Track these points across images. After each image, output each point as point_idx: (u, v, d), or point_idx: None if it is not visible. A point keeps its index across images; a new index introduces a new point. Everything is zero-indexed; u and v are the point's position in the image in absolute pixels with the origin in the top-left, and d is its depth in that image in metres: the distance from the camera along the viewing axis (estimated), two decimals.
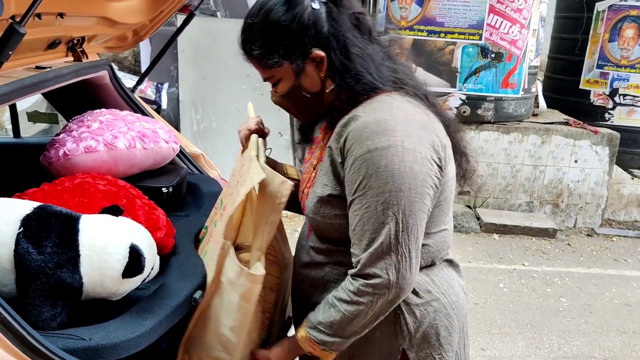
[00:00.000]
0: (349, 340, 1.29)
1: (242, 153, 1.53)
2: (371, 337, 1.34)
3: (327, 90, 1.30)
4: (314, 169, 1.41)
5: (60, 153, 1.86)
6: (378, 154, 1.16)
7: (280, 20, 1.24)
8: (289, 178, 1.36)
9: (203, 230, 1.70)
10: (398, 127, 1.18)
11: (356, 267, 1.23)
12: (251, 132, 1.49)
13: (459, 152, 1.36)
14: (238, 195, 1.33)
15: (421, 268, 1.32)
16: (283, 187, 1.25)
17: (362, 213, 1.20)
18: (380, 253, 1.19)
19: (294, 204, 1.49)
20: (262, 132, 1.51)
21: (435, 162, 1.21)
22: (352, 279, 1.24)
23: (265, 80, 1.35)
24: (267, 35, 1.26)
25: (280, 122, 5.05)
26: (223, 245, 1.37)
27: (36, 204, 1.33)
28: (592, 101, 5.99)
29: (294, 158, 5.17)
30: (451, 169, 1.30)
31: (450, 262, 1.43)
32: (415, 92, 1.29)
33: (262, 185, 1.33)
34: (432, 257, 1.35)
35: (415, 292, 1.32)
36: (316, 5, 1.25)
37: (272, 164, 1.54)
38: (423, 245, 1.27)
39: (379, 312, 1.25)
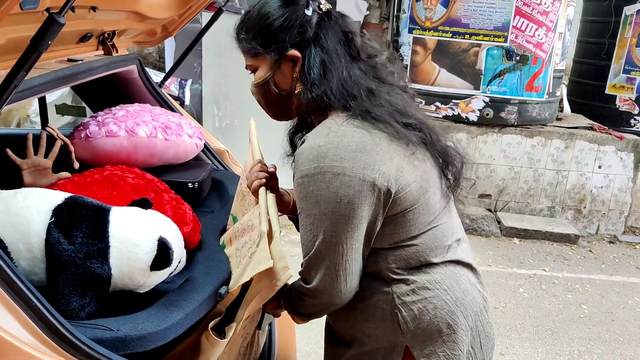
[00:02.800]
0: (309, 318, 1.46)
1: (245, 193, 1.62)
2: (374, 335, 1.38)
3: (295, 92, 1.38)
4: None
5: (82, 135, 1.91)
6: (307, 180, 1.27)
7: (270, 13, 1.36)
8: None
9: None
10: (329, 153, 1.25)
11: (300, 269, 1.39)
12: (261, 185, 1.51)
13: (440, 156, 1.40)
14: (243, 275, 1.36)
15: (418, 267, 1.36)
16: (283, 273, 1.29)
17: (300, 228, 1.34)
18: (311, 265, 1.33)
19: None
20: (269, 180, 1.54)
21: (369, 182, 1.25)
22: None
23: (246, 67, 1.44)
24: (254, 23, 1.38)
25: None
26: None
27: (67, 194, 1.35)
28: (617, 106, 5.91)
29: None
30: (411, 176, 1.31)
31: (458, 263, 1.42)
32: (374, 115, 1.31)
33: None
34: (424, 255, 1.36)
35: (413, 290, 1.35)
36: (309, 12, 1.34)
37: (279, 196, 1.59)
38: (411, 245, 1.34)
39: (318, 310, 1.41)
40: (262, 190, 1.48)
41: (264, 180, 1.50)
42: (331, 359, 1.52)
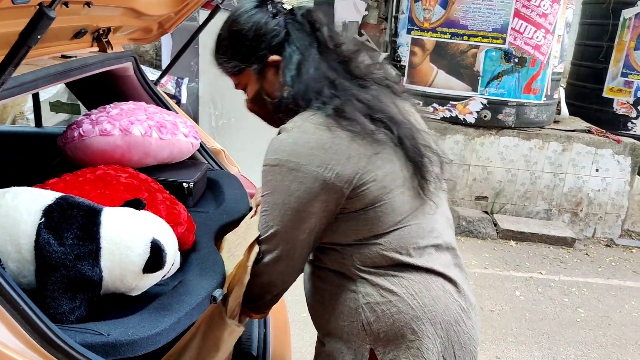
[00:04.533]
0: (257, 305, 1.48)
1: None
2: (345, 333, 1.38)
3: (285, 93, 1.38)
4: None
5: (76, 134, 1.87)
6: (267, 170, 1.32)
7: (238, 29, 1.39)
8: None
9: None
10: (288, 147, 1.29)
11: None
12: None
13: (414, 155, 1.36)
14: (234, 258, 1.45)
15: (385, 267, 1.33)
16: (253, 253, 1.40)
17: (260, 209, 1.39)
18: (261, 246, 1.39)
19: None
20: None
21: (320, 180, 1.27)
22: None
23: (236, 87, 1.48)
24: (228, 43, 1.41)
25: None
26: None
27: (58, 194, 1.31)
28: (615, 110, 5.90)
29: None
30: (371, 175, 1.30)
31: (431, 271, 1.36)
32: (340, 112, 1.31)
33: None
34: (389, 255, 1.33)
35: (377, 291, 1.33)
36: (273, 17, 1.39)
37: None
38: (375, 244, 1.33)
39: (260, 291, 1.44)
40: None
41: None
42: (315, 357, 1.52)
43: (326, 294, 1.42)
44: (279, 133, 1.35)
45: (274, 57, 1.38)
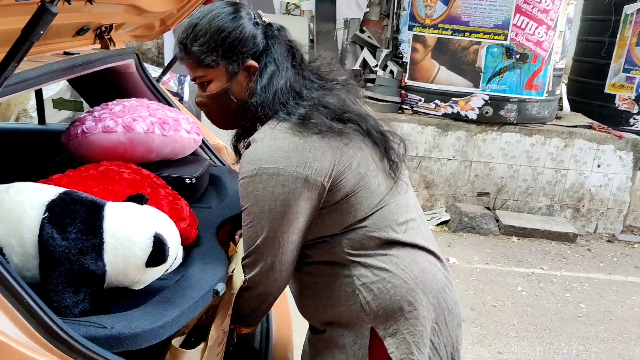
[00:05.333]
0: (249, 319, 1.53)
1: None
2: (343, 319, 1.45)
3: (252, 100, 1.41)
4: None
5: (79, 131, 1.88)
6: (247, 182, 1.35)
7: (225, 26, 1.40)
8: None
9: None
10: (264, 155, 1.34)
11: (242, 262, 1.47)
12: None
13: (379, 141, 1.45)
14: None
15: (373, 248, 1.42)
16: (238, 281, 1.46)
17: (243, 225, 1.42)
18: (251, 259, 1.42)
19: None
20: None
21: (302, 178, 1.33)
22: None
23: (194, 79, 1.46)
24: (210, 36, 1.40)
25: None
26: None
27: (61, 189, 1.32)
28: (617, 105, 5.90)
29: None
30: (346, 164, 1.38)
31: (413, 246, 1.47)
32: (306, 118, 1.37)
33: None
34: (376, 234, 1.42)
35: (371, 271, 1.41)
36: (255, 25, 1.42)
37: None
38: (361, 227, 1.40)
39: (257, 302, 1.49)
40: None
41: None
42: (312, 346, 1.58)
43: (318, 286, 1.48)
44: (247, 147, 1.40)
45: (252, 63, 1.42)
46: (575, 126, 5.51)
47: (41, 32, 0.97)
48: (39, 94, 2.55)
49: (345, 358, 1.45)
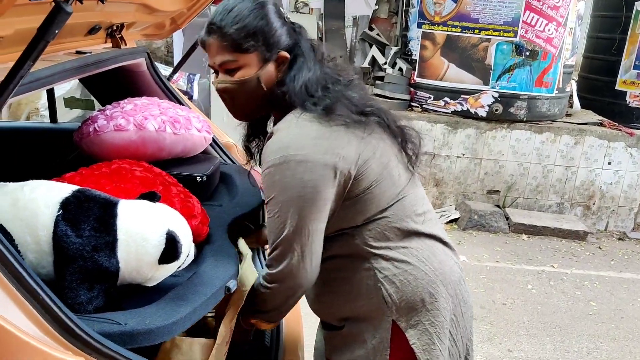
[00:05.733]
0: (272, 314, 1.50)
1: None
2: (362, 313, 1.46)
3: (281, 89, 1.41)
4: None
5: (91, 129, 1.90)
6: (274, 170, 1.34)
7: (264, 15, 1.40)
8: None
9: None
10: (291, 142, 1.34)
11: (267, 258, 1.44)
12: None
13: (398, 134, 1.49)
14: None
15: (394, 240, 1.44)
16: (251, 278, 1.48)
17: (267, 217, 1.40)
18: (280, 250, 1.39)
19: None
20: None
21: (330, 165, 1.34)
22: (266, 267, 1.44)
23: (222, 64, 1.41)
24: (249, 22, 1.38)
25: None
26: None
27: (75, 187, 1.34)
28: (628, 102, 5.85)
29: None
30: (370, 153, 1.40)
31: (431, 237, 1.50)
32: (330, 109, 1.39)
33: None
34: (397, 225, 1.44)
35: (392, 264, 1.42)
36: (284, 20, 1.45)
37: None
38: (382, 218, 1.42)
39: (285, 296, 1.44)
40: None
41: None
42: (327, 343, 1.57)
43: (337, 281, 1.47)
44: (269, 137, 1.39)
45: (284, 54, 1.42)
46: (586, 123, 5.48)
47: (56, 31, 0.98)
48: (50, 94, 2.57)
49: (365, 352, 1.45)
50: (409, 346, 1.43)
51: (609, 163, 5.35)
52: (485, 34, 5.18)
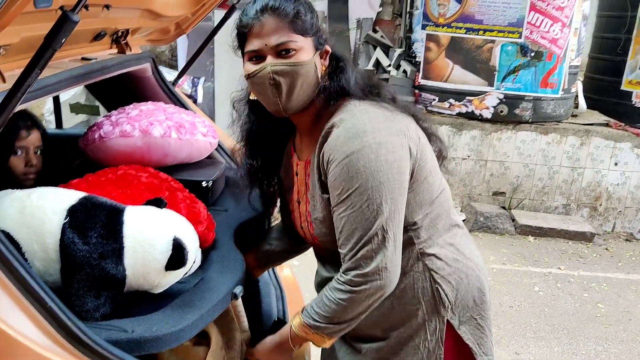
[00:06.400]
0: (343, 326, 1.36)
1: None
2: (413, 319, 1.42)
3: (321, 84, 1.37)
4: (299, 202, 1.51)
5: (96, 135, 1.90)
6: (355, 157, 1.26)
7: (312, 7, 1.37)
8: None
9: None
10: (367, 127, 1.29)
11: (349, 261, 1.30)
12: None
13: (430, 136, 1.48)
14: None
15: (442, 235, 1.44)
16: None
17: (348, 214, 1.28)
18: (373, 243, 1.28)
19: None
20: None
21: (406, 146, 1.31)
22: (345, 272, 1.31)
23: (279, 45, 1.30)
24: (309, 7, 1.35)
25: None
26: None
27: (82, 194, 1.34)
28: (634, 103, 5.83)
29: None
30: (424, 139, 1.41)
31: (461, 227, 1.52)
32: (380, 97, 1.40)
33: None
34: (442, 219, 1.44)
35: (445, 263, 1.42)
36: None
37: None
38: (433, 210, 1.41)
39: (372, 299, 1.32)
40: None
41: None
42: (367, 357, 1.48)
43: None
44: (330, 129, 1.32)
45: (328, 48, 1.39)
46: (592, 124, 5.46)
47: (63, 40, 0.99)
48: (56, 99, 2.58)
49: (420, 357, 1.43)
50: (462, 342, 1.43)
51: (616, 164, 5.32)
52: (490, 35, 5.17)
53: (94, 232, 1.25)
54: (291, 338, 1.41)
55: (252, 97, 1.45)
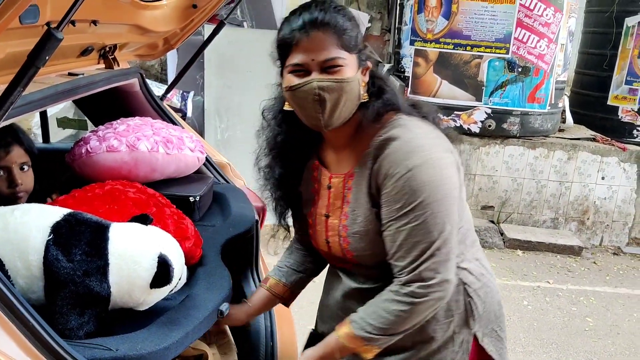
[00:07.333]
0: (395, 338, 1.35)
1: None
2: (446, 331, 1.42)
3: (361, 100, 1.36)
4: (327, 216, 1.47)
5: (83, 150, 1.89)
6: (417, 171, 1.27)
7: (358, 24, 1.36)
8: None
9: None
10: (424, 141, 1.31)
11: (411, 273, 1.30)
12: None
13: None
14: None
15: (470, 250, 1.47)
16: None
17: (411, 227, 1.28)
18: (435, 257, 1.28)
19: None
20: None
21: (454, 162, 1.35)
22: (406, 284, 1.31)
23: (327, 60, 1.29)
24: (354, 26, 1.34)
25: None
26: None
27: (66, 211, 1.33)
28: (620, 117, 5.89)
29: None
30: (457, 155, 1.42)
31: (478, 241, 1.56)
32: (418, 114, 1.42)
33: None
34: (469, 234, 1.49)
35: (476, 278, 1.45)
36: None
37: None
38: (462, 226, 1.42)
39: (432, 309, 1.33)
40: None
41: None
42: None
43: None
44: (385, 143, 1.32)
45: (369, 64, 1.38)
46: (579, 139, 5.50)
47: (47, 57, 0.98)
48: (43, 114, 2.57)
49: None
50: (483, 354, 1.47)
51: (603, 178, 5.36)
52: (478, 51, 5.21)
53: (78, 249, 1.24)
54: (339, 350, 1.38)
55: (286, 107, 1.41)
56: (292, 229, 1.66)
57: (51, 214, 1.30)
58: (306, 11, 1.30)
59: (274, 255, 1.76)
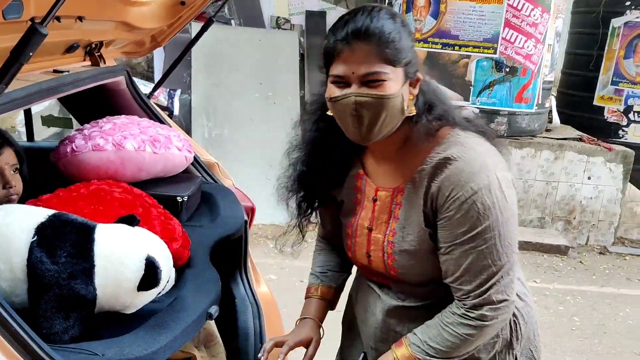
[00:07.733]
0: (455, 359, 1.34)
1: None
2: (489, 352, 1.40)
3: (406, 114, 1.29)
4: (370, 229, 1.41)
5: (69, 149, 1.86)
6: (485, 192, 1.23)
7: (410, 32, 1.28)
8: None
9: None
10: (487, 160, 1.26)
11: (479, 297, 1.27)
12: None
13: None
14: None
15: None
16: None
17: (479, 250, 1.25)
18: (505, 279, 1.27)
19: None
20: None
21: (514, 179, 1.31)
22: (474, 308, 1.28)
23: (368, 74, 1.22)
24: (404, 34, 1.26)
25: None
26: None
27: (51, 211, 1.30)
28: (606, 118, 5.93)
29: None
30: None
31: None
32: (475, 128, 1.36)
33: None
34: None
35: (519, 297, 1.42)
36: None
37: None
38: None
39: (495, 331, 1.34)
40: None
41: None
42: None
43: None
44: (445, 162, 1.26)
45: (419, 75, 1.30)
46: (565, 139, 5.53)
47: (30, 53, 0.95)
48: (27, 112, 2.52)
49: None
50: None
51: (589, 178, 5.39)
52: (466, 51, 5.22)
53: (63, 251, 1.21)
54: None
55: (329, 113, 1.33)
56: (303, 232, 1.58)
57: (35, 214, 1.27)
58: (352, 19, 1.24)
59: (279, 252, 1.65)
